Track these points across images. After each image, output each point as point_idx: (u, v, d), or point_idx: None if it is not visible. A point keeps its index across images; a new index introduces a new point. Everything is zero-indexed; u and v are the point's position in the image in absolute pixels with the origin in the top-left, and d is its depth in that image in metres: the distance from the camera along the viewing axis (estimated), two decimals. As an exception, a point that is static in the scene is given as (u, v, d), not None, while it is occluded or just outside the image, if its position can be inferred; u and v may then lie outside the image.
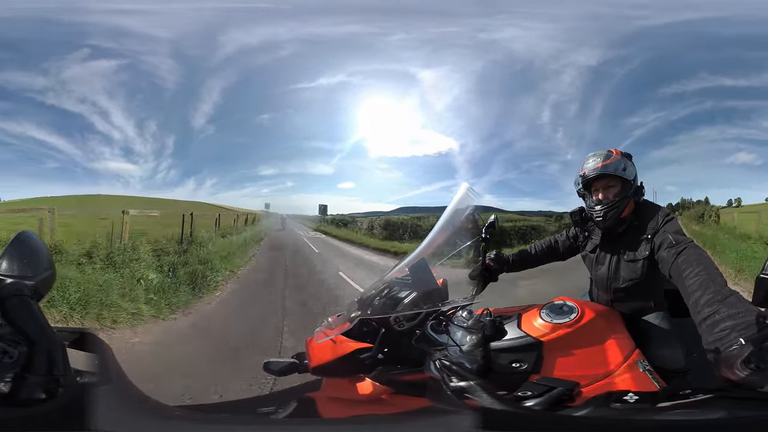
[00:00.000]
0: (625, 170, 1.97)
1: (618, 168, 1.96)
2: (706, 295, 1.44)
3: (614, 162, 1.97)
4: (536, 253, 2.37)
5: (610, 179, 1.98)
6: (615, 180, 1.97)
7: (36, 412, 1.01)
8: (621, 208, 1.96)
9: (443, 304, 1.82)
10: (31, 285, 1.17)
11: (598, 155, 2.01)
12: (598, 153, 2.02)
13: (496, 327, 1.69)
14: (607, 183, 1.98)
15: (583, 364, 1.60)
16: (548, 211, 11.74)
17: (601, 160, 1.98)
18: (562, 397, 1.25)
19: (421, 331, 1.75)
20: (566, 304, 1.74)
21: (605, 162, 1.97)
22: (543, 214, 11.92)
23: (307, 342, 1.91)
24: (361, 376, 1.77)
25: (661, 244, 1.81)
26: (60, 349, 1.10)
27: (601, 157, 2.00)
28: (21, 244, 1.24)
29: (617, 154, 2.00)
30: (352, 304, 1.88)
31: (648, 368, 1.63)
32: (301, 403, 1.91)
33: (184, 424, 1.28)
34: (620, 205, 1.96)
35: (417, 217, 12.40)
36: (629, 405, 1.19)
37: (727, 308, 1.35)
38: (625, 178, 1.97)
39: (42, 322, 1.12)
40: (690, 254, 1.65)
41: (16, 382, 1.02)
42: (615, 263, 2.01)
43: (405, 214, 11.95)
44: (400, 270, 1.92)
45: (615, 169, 1.96)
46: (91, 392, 1.09)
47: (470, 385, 1.40)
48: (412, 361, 1.71)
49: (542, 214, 11.93)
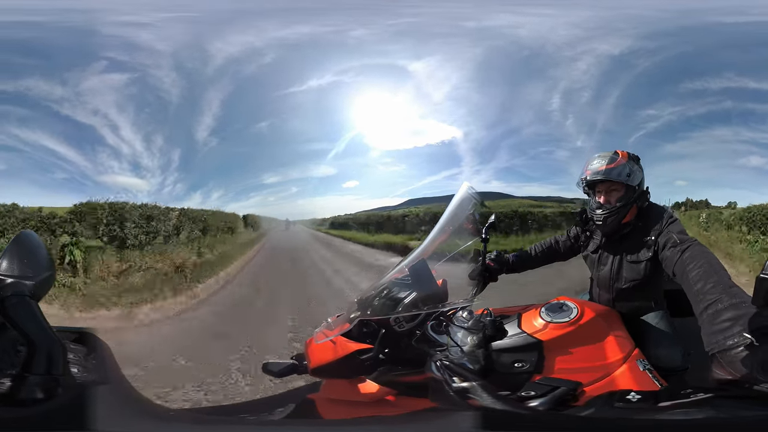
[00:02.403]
0: (629, 176, 1.90)
1: (622, 173, 1.89)
2: (708, 284, 1.41)
3: (619, 166, 1.90)
4: (536, 254, 2.36)
5: (613, 183, 1.91)
6: (618, 185, 1.91)
7: (35, 412, 1.00)
8: (622, 215, 1.91)
9: (443, 304, 1.82)
10: (31, 285, 1.17)
11: (603, 157, 1.94)
12: (604, 155, 1.95)
13: (496, 327, 1.69)
14: (609, 187, 1.92)
15: (585, 364, 1.60)
16: (557, 197, 11.16)
17: (606, 163, 1.91)
18: (565, 397, 1.25)
19: (421, 332, 1.75)
20: (566, 304, 1.74)
21: (609, 165, 1.90)
22: (555, 200, 11.20)
23: (307, 343, 1.90)
24: (362, 378, 1.77)
25: (665, 244, 1.79)
26: (59, 349, 1.10)
27: (606, 159, 1.92)
28: (21, 244, 1.24)
29: (623, 157, 1.93)
30: (352, 305, 1.87)
31: (648, 367, 1.63)
32: (301, 405, 1.90)
33: (183, 424, 1.27)
34: (621, 212, 1.90)
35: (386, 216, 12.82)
36: (632, 404, 1.19)
37: (730, 298, 1.32)
38: (629, 184, 1.91)
39: (41, 322, 1.11)
40: (694, 251, 1.64)
41: (15, 382, 1.02)
42: (617, 263, 1.99)
43: (413, 206, 11.94)
44: (399, 270, 1.91)
45: (619, 174, 1.89)
46: (91, 392, 1.09)
47: (472, 385, 1.39)
48: (412, 361, 1.70)
49: (554, 200, 11.20)
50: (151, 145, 7.38)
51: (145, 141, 7.29)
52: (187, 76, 6.78)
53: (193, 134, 7.72)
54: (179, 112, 7.29)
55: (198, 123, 7.81)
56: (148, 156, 7.37)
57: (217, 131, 7.78)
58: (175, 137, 7.53)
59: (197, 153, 7.89)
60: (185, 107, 7.27)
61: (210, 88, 7.25)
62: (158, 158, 7.42)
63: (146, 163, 7.40)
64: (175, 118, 7.36)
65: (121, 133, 7.15)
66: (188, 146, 7.77)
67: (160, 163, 7.50)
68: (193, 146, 7.84)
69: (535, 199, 11.37)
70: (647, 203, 1.98)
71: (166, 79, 6.80)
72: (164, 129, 7.25)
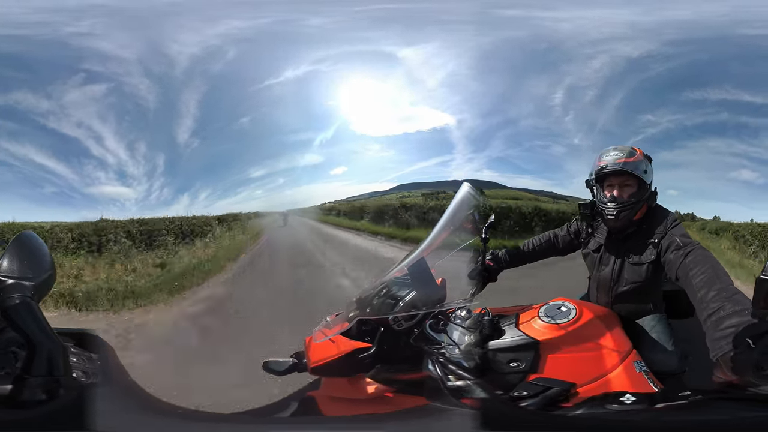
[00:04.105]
0: (645, 172, 1.92)
1: (639, 168, 1.90)
2: (712, 292, 1.43)
3: (637, 161, 1.91)
4: (534, 248, 2.35)
5: (629, 178, 1.92)
6: (633, 180, 1.92)
7: (37, 414, 1.01)
8: (635, 210, 1.91)
9: (442, 303, 1.82)
10: (32, 286, 1.17)
11: (621, 150, 1.93)
12: (621, 148, 1.95)
13: (494, 327, 1.70)
14: (624, 181, 1.93)
15: (580, 365, 1.60)
16: (551, 192, 10.99)
17: (625, 156, 1.91)
18: (558, 397, 1.26)
19: (419, 330, 1.76)
20: (564, 305, 1.74)
21: (628, 159, 1.90)
22: (548, 195, 11.06)
23: (306, 342, 1.91)
24: (360, 376, 1.78)
25: (668, 247, 1.79)
26: (60, 350, 1.10)
27: (624, 153, 1.92)
28: (21, 245, 1.23)
29: (640, 154, 1.94)
30: (351, 304, 1.88)
31: (645, 369, 1.63)
32: (302, 403, 1.92)
33: (184, 424, 1.29)
34: (635, 207, 1.91)
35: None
36: (626, 406, 1.19)
37: (733, 305, 1.33)
38: (644, 180, 1.91)
39: (42, 323, 1.12)
40: (697, 255, 1.64)
41: (17, 383, 1.03)
42: (619, 265, 1.99)
43: (404, 191, 11.75)
44: (399, 269, 1.92)
45: (636, 168, 1.90)
46: (92, 393, 1.10)
47: (468, 384, 1.41)
48: (410, 360, 1.71)
49: (547, 195, 11.04)
50: (135, 153, 7.38)
51: (128, 149, 7.30)
52: (158, 81, 6.75)
53: (174, 137, 7.70)
54: (158, 117, 7.29)
55: (178, 126, 7.81)
56: (133, 164, 7.37)
57: (197, 132, 7.76)
58: (157, 142, 7.53)
59: (181, 156, 7.88)
60: (163, 111, 7.26)
61: (183, 89, 7.22)
62: (143, 165, 7.41)
63: (132, 171, 7.40)
64: (155, 124, 7.36)
65: (106, 144, 7.16)
66: (171, 150, 7.76)
67: (145, 169, 7.49)
68: (176, 149, 7.83)
69: (529, 192, 11.20)
70: (655, 204, 1.98)
71: (141, 86, 6.79)
72: (146, 135, 7.26)
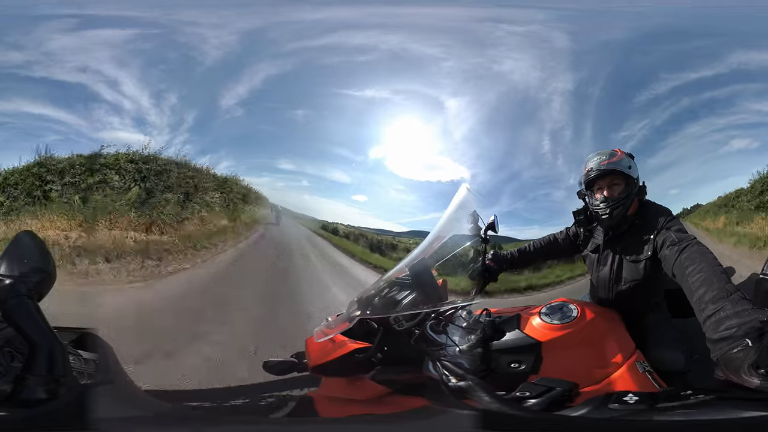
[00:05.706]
0: (630, 168, 1.98)
1: (623, 165, 1.96)
2: (710, 292, 1.41)
3: (619, 159, 1.97)
4: (535, 250, 2.35)
5: (615, 177, 1.97)
6: (620, 178, 1.97)
7: (38, 413, 1.01)
8: (627, 206, 1.95)
9: (443, 304, 1.82)
10: (31, 285, 1.17)
11: (602, 153, 2.01)
12: (603, 152, 2.02)
13: (494, 327, 1.69)
14: (611, 181, 1.97)
15: (583, 365, 1.60)
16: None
17: (607, 158, 1.98)
18: (560, 397, 1.25)
19: (420, 331, 1.75)
20: (566, 305, 1.74)
21: (611, 159, 1.97)
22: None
23: (307, 341, 1.91)
24: (361, 376, 1.77)
25: (663, 243, 1.79)
26: (60, 350, 1.10)
27: (605, 155, 2.00)
28: (21, 244, 1.23)
29: (621, 153, 2.01)
30: (352, 304, 1.87)
31: (648, 369, 1.63)
32: (300, 403, 1.91)
33: (183, 423, 1.28)
34: (626, 203, 1.95)
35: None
36: (629, 406, 1.19)
37: (732, 305, 1.32)
38: (630, 176, 1.97)
39: (42, 323, 1.11)
40: (693, 251, 1.63)
41: (17, 383, 1.02)
42: (617, 264, 2.00)
43: (417, 237, 11.75)
44: (400, 270, 1.91)
45: (619, 165, 1.96)
46: (92, 392, 1.09)
47: (469, 385, 1.40)
48: (411, 360, 1.71)
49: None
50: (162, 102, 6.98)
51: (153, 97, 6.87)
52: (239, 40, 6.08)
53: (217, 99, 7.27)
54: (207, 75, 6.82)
55: (228, 90, 7.37)
56: (156, 113, 6.99)
57: (247, 103, 7.34)
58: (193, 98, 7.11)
59: (216, 119, 7.50)
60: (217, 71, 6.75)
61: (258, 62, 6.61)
62: (168, 116, 7.04)
63: (153, 120, 7.04)
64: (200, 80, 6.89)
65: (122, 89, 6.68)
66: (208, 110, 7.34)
67: (170, 120, 7.12)
68: (214, 111, 7.41)
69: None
70: (646, 200, 2.01)
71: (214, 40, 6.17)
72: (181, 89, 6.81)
